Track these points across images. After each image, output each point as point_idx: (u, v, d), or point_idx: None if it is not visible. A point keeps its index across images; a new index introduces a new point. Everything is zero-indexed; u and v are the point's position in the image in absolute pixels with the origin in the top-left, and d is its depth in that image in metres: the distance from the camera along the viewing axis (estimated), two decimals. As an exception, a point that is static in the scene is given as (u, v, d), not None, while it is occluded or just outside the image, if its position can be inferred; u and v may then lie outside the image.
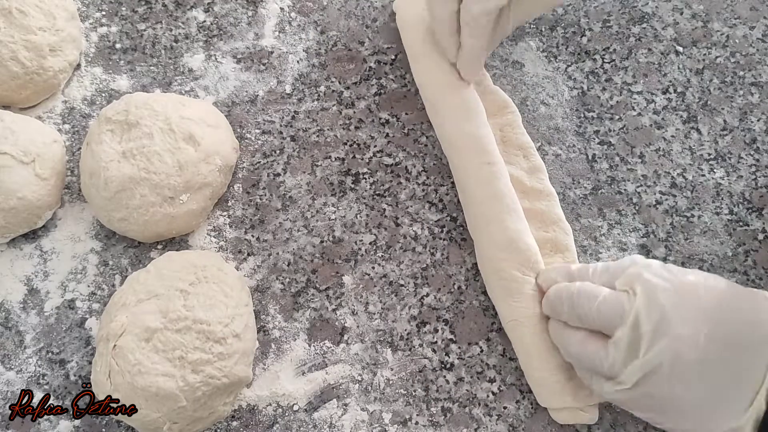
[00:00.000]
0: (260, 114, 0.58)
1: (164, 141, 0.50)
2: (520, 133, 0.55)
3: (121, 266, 0.53)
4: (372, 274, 0.53)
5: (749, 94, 0.59)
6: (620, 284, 0.43)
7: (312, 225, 0.54)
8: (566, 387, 0.47)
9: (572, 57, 0.60)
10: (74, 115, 0.57)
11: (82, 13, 0.61)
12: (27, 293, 0.52)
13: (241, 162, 0.56)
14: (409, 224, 0.54)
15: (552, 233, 0.52)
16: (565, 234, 0.52)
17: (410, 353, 0.50)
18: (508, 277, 0.49)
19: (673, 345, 0.40)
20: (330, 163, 0.56)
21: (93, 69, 0.59)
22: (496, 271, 0.50)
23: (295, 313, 0.51)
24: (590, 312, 0.43)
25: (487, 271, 0.51)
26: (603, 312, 0.42)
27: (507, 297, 0.49)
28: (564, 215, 0.53)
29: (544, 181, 0.54)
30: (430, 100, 0.56)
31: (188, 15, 0.61)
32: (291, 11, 0.62)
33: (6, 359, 0.50)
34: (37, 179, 0.51)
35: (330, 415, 0.48)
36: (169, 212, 0.50)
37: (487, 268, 0.51)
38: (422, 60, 0.56)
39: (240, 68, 0.59)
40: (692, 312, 0.40)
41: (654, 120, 0.58)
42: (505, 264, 0.49)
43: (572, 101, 0.59)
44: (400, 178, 0.56)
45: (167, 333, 0.45)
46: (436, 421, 0.49)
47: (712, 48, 0.61)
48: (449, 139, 0.54)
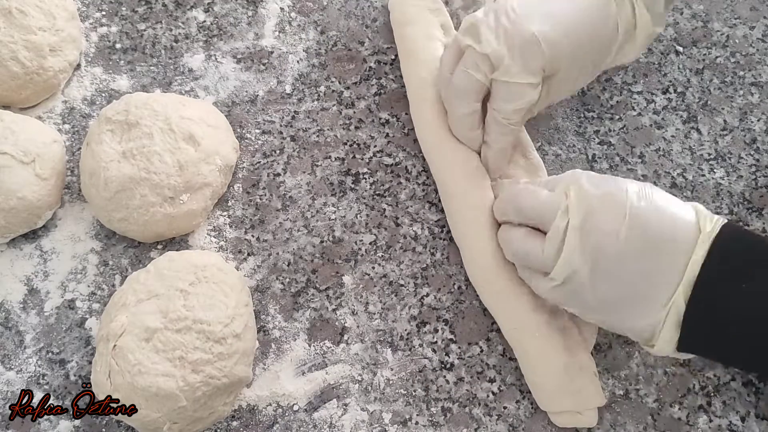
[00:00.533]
0: (260, 114, 0.58)
1: (164, 141, 0.50)
2: (519, 132, 0.55)
3: (121, 266, 0.53)
4: (372, 274, 0.53)
5: (749, 94, 0.59)
6: (559, 189, 0.45)
7: (312, 225, 0.54)
8: (566, 391, 0.47)
9: (572, 57, 0.60)
10: (74, 115, 0.57)
11: (82, 13, 0.61)
12: (27, 293, 0.52)
13: (241, 162, 0.56)
14: (409, 224, 0.54)
15: None
16: None
17: (410, 353, 0.50)
18: (501, 287, 0.49)
19: (596, 240, 0.42)
20: (330, 163, 0.56)
21: (93, 69, 0.59)
22: (487, 282, 0.50)
23: (295, 313, 0.51)
24: (529, 206, 0.45)
25: (478, 281, 0.51)
26: (540, 207, 0.45)
27: (503, 305, 0.49)
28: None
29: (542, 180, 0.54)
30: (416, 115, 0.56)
31: (188, 15, 0.61)
32: (291, 11, 0.62)
33: (6, 359, 0.50)
34: (37, 179, 0.51)
35: (330, 415, 0.48)
36: (169, 212, 0.50)
37: (478, 278, 0.51)
38: (410, 60, 0.56)
39: (240, 68, 0.59)
40: (616, 210, 0.42)
41: (654, 120, 0.58)
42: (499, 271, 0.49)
43: (572, 101, 0.59)
44: (400, 178, 0.56)
45: (167, 333, 0.45)
46: (436, 421, 0.49)
47: (712, 48, 0.61)
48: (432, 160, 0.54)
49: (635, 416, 0.49)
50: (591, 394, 0.47)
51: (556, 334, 0.48)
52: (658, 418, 0.49)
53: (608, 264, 0.42)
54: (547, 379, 0.47)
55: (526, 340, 0.48)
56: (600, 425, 0.48)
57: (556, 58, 0.47)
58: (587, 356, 0.48)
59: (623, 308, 0.43)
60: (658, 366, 0.50)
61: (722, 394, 0.50)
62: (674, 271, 0.41)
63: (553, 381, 0.47)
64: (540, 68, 0.47)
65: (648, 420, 0.49)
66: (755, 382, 0.50)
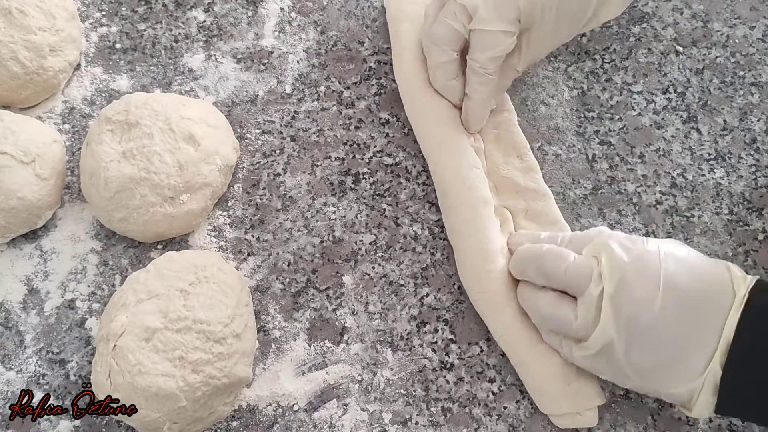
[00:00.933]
0: (260, 114, 0.58)
1: (164, 141, 0.50)
2: (515, 132, 0.55)
3: (121, 266, 0.53)
4: (372, 274, 0.53)
5: (749, 94, 0.59)
6: (587, 251, 0.44)
7: (312, 225, 0.54)
8: (565, 393, 0.47)
9: (572, 57, 0.60)
10: (74, 115, 0.57)
11: (82, 13, 0.61)
12: (27, 293, 0.52)
13: (241, 162, 0.56)
14: (409, 224, 0.54)
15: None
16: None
17: (410, 353, 0.50)
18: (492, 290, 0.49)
19: (631, 309, 0.41)
20: (330, 163, 0.56)
21: (93, 69, 0.59)
22: (480, 289, 0.50)
23: (295, 313, 0.51)
24: (558, 272, 0.44)
25: (470, 286, 0.51)
26: (571, 273, 0.44)
27: (494, 312, 0.49)
28: (562, 215, 0.53)
29: (538, 181, 0.54)
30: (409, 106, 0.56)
31: (188, 15, 0.61)
32: (291, 11, 0.62)
33: (6, 359, 0.50)
34: (37, 179, 0.51)
35: (330, 415, 0.48)
36: (169, 212, 0.50)
37: (470, 283, 0.51)
38: (404, 56, 0.56)
39: (240, 68, 0.59)
40: (649, 277, 0.42)
41: (654, 120, 0.58)
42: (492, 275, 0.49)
43: (572, 101, 0.59)
44: (400, 178, 0.56)
45: (167, 333, 0.45)
46: (436, 421, 0.49)
47: (712, 48, 0.61)
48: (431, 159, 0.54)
49: (635, 416, 0.49)
50: (590, 394, 0.47)
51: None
52: (658, 418, 0.49)
53: (644, 333, 0.41)
54: (545, 383, 0.47)
55: (520, 348, 0.48)
56: (600, 425, 0.48)
57: (531, 8, 0.48)
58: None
59: (660, 376, 0.42)
60: (658, 366, 0.50)
61: (722, 394, 0.50)
62: (711, 338, 0.40)
63: (552, 384, 0.47)
64: (514, 17, 0.48)
65: (648, 420, 0.49)
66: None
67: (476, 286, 0.50)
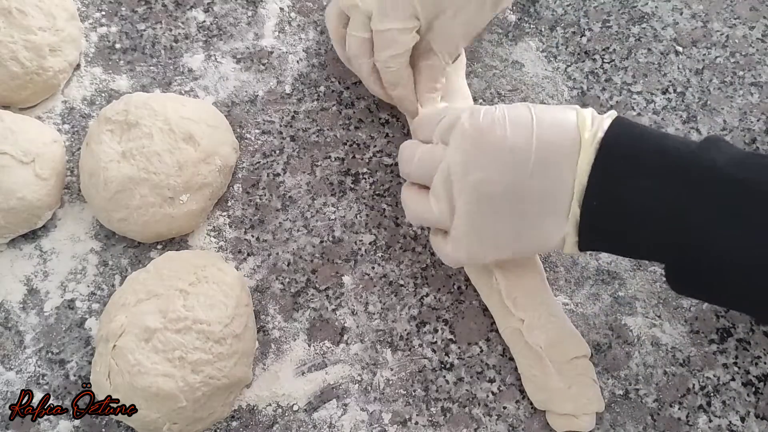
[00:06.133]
0: (260, 114, 0.58)
1: (164, 141, 0.50)
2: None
3: (120, 266, 0.53)
4: (372, 274, 0.53)
5: (749, 94, 0.59)
6: (436, 137, 0.44)
7: (312, 225, 0.54)
8: (565, 394, 0.47)
9: (572, 57, 0.60)
10: (74, 115, 0.57)
11: (82, 13, 0.61)
12: (27, 293, 0.52)
13: (241, 162, 0.56)
14: (408, 224, 0.54)
15: None
16: None
17: (410, 353, 0.50)
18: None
19: (478, 186, 0.41)
20: (330, 163, 0.56)
21: (93, 69, 0.59)
22: (487, 280, 0.49)
23: (294, 313, 0.51)
24: (409, 165, 0.45)
25: (476, 277, 0.51)
26: (415, 165, 0.44)
27: (501, 305, 0.49)
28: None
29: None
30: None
31: (188, 15, 0.61)
32: (291, 11, 0.62)
33: (6, 359, 0.50)
34: (37, 179, 0.51)
35: (330, 415, 0.48)
36: (168, 212, 0.50)
37: (476, 275, 0.51)
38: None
39: (240, 68, 0.59)
40: (493, 148, 0.41)
41: (654, 120, 0.58)
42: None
43: (572, 101, 0.59)
44: (400, 178, 0.56)
45: (167, 333, 0.45)
46: (436, 421, 0.49)
47: (711, 48, 0.61)
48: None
49: (635, 416, 0.49)
50: (590, 398, 0.47)
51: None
52: (657, 418, 0.49)
53: (495, 204, 0.42)
54: (545, 383, 0.47)
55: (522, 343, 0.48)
56: (600, 425, 0.48)
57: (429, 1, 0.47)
58: (585, 361, 0.48)
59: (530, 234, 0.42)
60: (657, 366, 0.50)
61: (722, 394, 0.50)
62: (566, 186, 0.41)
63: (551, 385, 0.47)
64: (410, 14, 0.47)
65: (648, 420, 0.49)
66: (755, 382, 0.50)
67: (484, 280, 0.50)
